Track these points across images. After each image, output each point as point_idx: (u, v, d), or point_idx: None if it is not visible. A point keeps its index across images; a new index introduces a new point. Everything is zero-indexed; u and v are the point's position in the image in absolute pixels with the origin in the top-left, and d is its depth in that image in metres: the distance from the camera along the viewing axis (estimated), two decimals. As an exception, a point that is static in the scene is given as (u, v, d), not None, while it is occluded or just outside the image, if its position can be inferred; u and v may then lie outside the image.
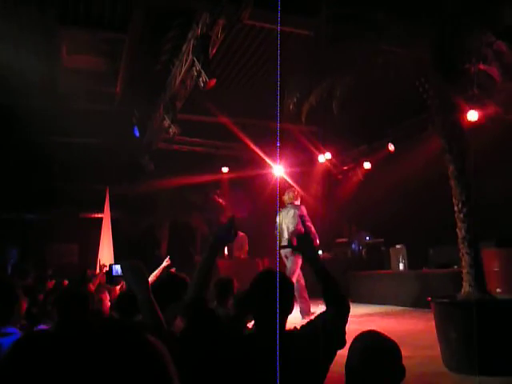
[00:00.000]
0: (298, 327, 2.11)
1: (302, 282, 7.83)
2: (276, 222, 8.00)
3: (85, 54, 9.01)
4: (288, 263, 7.72)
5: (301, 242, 2.29)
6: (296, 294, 6.87)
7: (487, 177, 8.19)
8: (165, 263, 6.54)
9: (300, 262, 7.50)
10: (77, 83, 9.57)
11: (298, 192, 8.07)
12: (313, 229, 7.67)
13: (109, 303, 4.85)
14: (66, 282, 6.35)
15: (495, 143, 7.81)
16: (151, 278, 5.79)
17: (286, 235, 7.79)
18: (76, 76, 9.36)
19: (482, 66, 4.73)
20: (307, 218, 7.76)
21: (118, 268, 2.34)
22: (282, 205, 8.00)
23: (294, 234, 7.37)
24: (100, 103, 10.59)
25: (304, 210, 7.80)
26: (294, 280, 7.11)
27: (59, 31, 8.16)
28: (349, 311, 2.19)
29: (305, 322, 2.14)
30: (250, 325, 2.96)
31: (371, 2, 4.75)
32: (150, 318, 1.92)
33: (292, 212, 7.80)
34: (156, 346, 0.64)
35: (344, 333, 2.09)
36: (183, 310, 2.14)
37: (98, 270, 9.80)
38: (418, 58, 5.12)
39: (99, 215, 11.72)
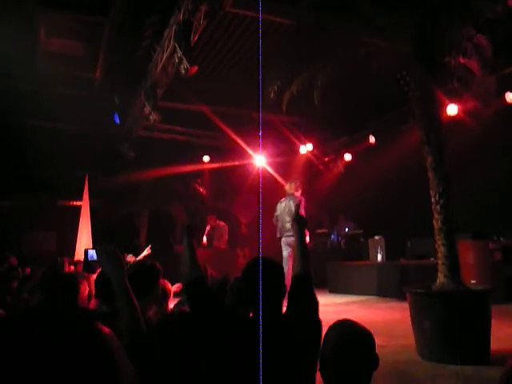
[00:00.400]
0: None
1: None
2: (275, 211, 8.23)
3: (64, 38, 8.82)
4: (286, 251, 8.02)
5: (300, 220, 2.52)
6: None
7: (466, 170, 8.32)
8: (146, 252, 6.49)
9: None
10: (55, 67, 9.37)
11: (299, 183, 8.24)
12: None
13: (86, 292, 4.79)
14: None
15: (474, 137, 7.93)
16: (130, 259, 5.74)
17: (287, 225, 7.91)
18: (55, 60, 9.16)
19: (461, 60, 4.77)
20: (302, 208, 7.72)
21: (93, 253, 2.32)
22: (284, 194, 8.27)
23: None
24: (79, 88, 10.39)
25: (303, 200, 7.87)
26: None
27: (37, 14, 7.96)
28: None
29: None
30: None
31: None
32: (125, 304, 1.90)
33: (292, 202, 7.99)
34: (103, 336, 0.63)
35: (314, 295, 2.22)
36: (184, 291, 2.21)
37: (76, 259, 9.70)
38: (399, 50, 5.13)
39: (78, 203, 11.55)
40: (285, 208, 8.12)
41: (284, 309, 2.16)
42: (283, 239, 8.18)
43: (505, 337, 4.75)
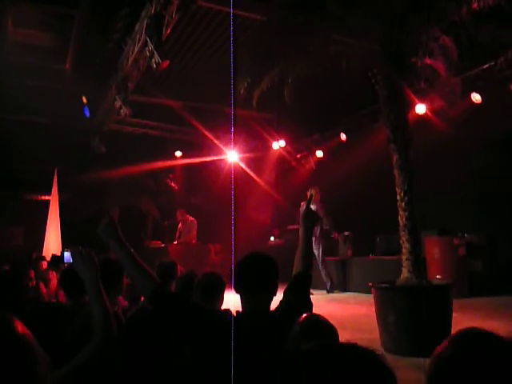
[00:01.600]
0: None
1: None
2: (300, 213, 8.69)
3: (32, 29, 8.60)
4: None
5: (311, 214, 2.50)
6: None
7: (435, 168, 8.53)
8: None
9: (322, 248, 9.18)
10: (24, 58, 9.14)
11: (316, 191, 9.37)
12: (324, 225, 9.30)
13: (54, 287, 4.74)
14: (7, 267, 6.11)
15: (443, 136, 8.11)
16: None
17: None
18: (23, 51, 8.93)
19: (428, 61, 4.88)
20: (321, 212, 9.10)
21: (68, 255, 2.31)
22: (305, 199, 9.01)
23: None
24: (49, 80, 10.15)
25: (320, 206, 9.26)
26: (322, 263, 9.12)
27: (4, 3, 7.74)
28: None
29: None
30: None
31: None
32: (97, 305, 1.92)
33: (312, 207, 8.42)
34: (17, 335, 0.65)
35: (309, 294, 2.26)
36: (148, 303, 2.09)
37: (44, 254, 9.52)
38: (369, 49, 5.22)
39: (46, 197, 11.33)
40: None
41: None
42: None
43: (466, 330, 4.91)
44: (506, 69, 7.68)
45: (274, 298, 2.13)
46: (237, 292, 2.11)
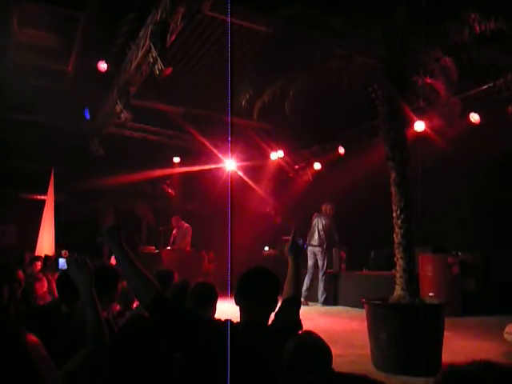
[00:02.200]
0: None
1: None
2: (313, 222, 9.69)
3: (37, 29, 8.63)
4: (311, 260, 9.48)
5: (295, 248, 2.64)
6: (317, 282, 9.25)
7: (432, 186, 8.56)
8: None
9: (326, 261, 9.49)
10: (27, 58, 9.15)
11: (332, 206, 9.78)
12: (335, 236, 9.58)
13: (44, 289, 4.72)
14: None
15: (441, 154, 8.16)
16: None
17: (316, 237, 9.52)
18: (27, 50, 8.95)
19: (428, 80, 4.93)
20: (333, 226, 9.58)
21: (63, 262, 2.33)
22: (319, 211, 9.82)
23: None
24: (51, 81, 10.15)
25: (332, 221, 9.63)
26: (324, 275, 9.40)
27: (9, 2, 7.77)
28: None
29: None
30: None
31: (328, 8, 4.83)
32: (91, 313, 1.93)
33: (324, 220, 9.59)
34: (25, 345, 0.66)
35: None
36: (146, 311, 2.10)
37: (36, 253, 9.48)
38: (370, 65, 5.26)
39: (42, 197, 11.29)
40: (318, 223, 9.60)
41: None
42: (309, 248, 9.53)
43: (457, 349, 4.92)
44: (504, 90, 7.77)
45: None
46: (237, 304, 2.14)
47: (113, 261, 5.44)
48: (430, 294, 7.33)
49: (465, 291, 7.64)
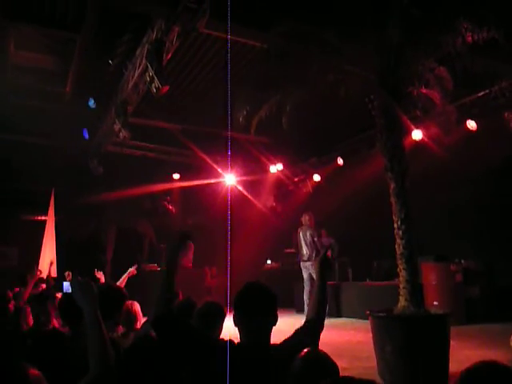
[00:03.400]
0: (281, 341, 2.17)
1: None
2: (298, 238, 9.77)
3: (34, 52, 8.70)
4: (306, 274, 9.40)
5: (324, 264, 2.52)
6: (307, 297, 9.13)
7: (434, 194, 8.57)
8: (132, 270, 6.29)
9: None
10: (24, 80, 9.22)
11: (311, 216, 9.79)
12: (318, 245, 9.50)
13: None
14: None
15: (441, 162, 8.18)
16: (119, 283, 5.64)
17: (304, 251, 9.55)
18: (24, 72, 9.02)
19: (424, 90, 4.97)
20: (315, 236, 9.58)
21: (67, 285, 2.33)
22: (300, 225, 9.86)
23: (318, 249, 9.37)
24: (49, 102, 10.22)
25: (315, 231, 9.64)
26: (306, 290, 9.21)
27: (7, 26, 7.85)
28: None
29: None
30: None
31: (321, 22, 4.89)
32: (95, 336, 1.92)
33: (308, 232, 9.59)
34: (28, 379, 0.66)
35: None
36: (152, 327, 2.11)
37: (38, 276, 9.44)
38: (367, 76, 5.30)
39: (42, 217, 11.30)
40: (303, 237, 9.65)
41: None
42: (301, 263, 9.59)
43: (463, 359, 4.87)
44: (500, 97, 7.81)
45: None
46: (235, 325, 2.12)
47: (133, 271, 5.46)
48: (435, 303, 7.29)
49: (469, 299, 7.59)
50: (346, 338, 6.89)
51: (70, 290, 2.15)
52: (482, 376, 1.15)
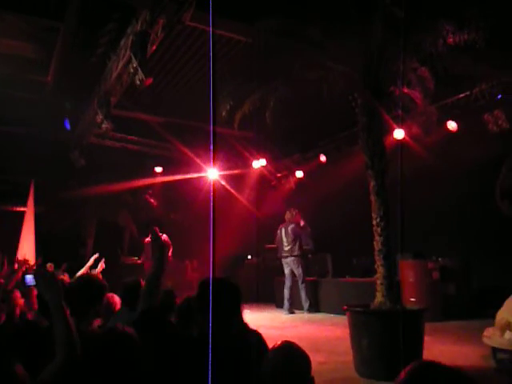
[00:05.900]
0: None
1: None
2: (277, 235, 9.86)
3: (16, 40, 8.55)
4: (287, 269, 9.58)
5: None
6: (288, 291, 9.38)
7: (409, 193, 8.66)
8: (91, 261, 6.34)
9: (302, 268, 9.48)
10: (6, 68, 9.05)
11: (296, 212, 9.84)
12: (303, 239, 9.70)
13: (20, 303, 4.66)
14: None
15: (417, 161, 8.29)
16: (79, 273, 5.61)
17: (284, 247, 9.66)
18: (5, 60, 8.86)
19: (405, 90, 5.03)
20: (300, 232, 9.72)
21: (30, 278, 2.35)
22: (284, 221, 9.87)
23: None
24: (29, 91, 10.06)
25: (298, 227, 9.74)
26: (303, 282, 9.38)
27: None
28: None
29: None
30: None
31: (306, 19, 4.91)
32: (60, 325, 1.94)
33: (290, 228, 9.65)
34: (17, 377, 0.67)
35: None
36: (134, 321, 2.16)
37: (16, 266, 9.32)
38: (350, 74, 5.34)
39: (21, 209, 11.13)
40: (285, 233, 9.68)
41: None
42: (283, 259, 9.69)
43: (437, 353, 4.98)
44: (480, 99, 7.95)
45: None
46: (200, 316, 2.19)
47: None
48: (412, 299, 7.42)
49: (445, 296, 7.74)
50: (324, 333, 6.96)
51: (32, 283, 2.18)
52: (421, 376, 1.19)
